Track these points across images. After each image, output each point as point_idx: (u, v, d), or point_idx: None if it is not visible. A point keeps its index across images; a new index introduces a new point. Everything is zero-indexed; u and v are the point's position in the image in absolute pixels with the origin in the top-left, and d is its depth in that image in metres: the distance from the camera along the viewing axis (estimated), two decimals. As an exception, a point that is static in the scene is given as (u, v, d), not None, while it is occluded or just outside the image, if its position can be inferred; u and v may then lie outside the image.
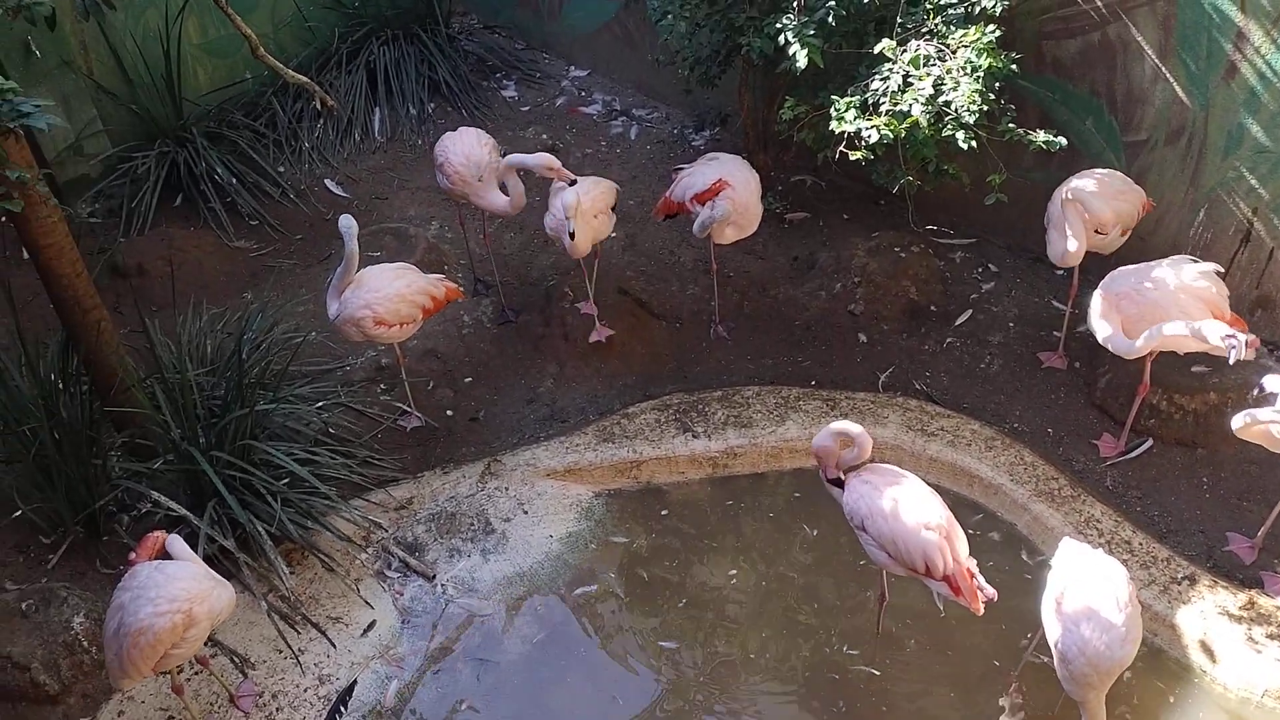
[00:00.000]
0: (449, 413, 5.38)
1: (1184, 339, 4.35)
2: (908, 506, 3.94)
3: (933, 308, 5.78)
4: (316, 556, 4.57)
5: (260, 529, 4.38)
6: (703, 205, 5.28)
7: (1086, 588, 3.73)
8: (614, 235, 6.22)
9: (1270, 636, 4.22)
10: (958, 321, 5.71)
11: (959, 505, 4.66)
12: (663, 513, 4.99)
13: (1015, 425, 5.16)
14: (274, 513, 4.38)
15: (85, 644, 4.05)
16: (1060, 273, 5.48)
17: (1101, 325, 4.62)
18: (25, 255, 5.64)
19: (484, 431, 5.30)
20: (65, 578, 4.37)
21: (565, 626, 4.52)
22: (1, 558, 4.47)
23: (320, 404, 4.97)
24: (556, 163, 5.18)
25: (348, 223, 4.77)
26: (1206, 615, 4.31)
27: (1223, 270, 4.70)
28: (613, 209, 5.53)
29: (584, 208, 5.12)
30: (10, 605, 4.10)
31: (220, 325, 5.37)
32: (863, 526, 4.01)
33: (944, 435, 5.12)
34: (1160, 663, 4.28)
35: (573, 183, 5.16)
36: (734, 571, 4.70)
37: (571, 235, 5.05)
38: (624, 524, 4.92)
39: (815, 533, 4.81)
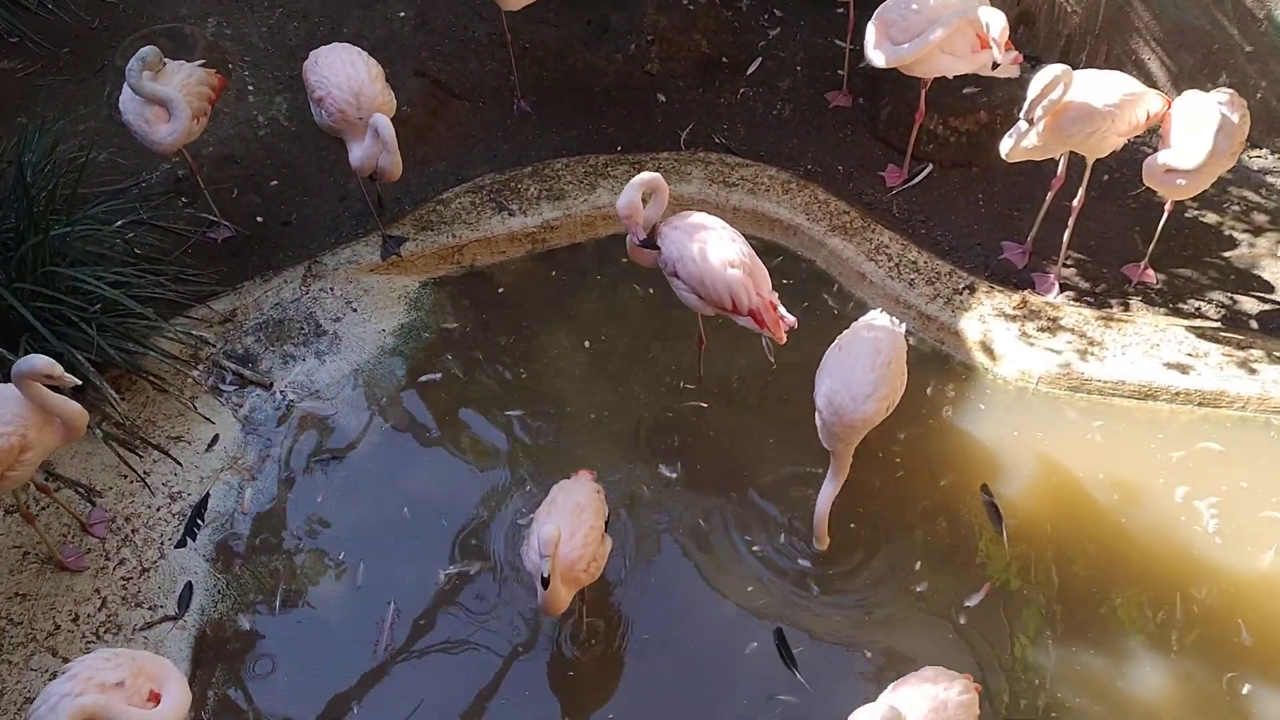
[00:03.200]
0: (259, 219, 5.15)
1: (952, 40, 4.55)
2: (713, 248, 4.06)
3: (724, 59, 5.76)
4: (145, 379, 4.42)
5: (80, 357, 4.17)
6: None
7: (852, 346, 3.92)
8: (402, 15, 5.91)
9: (1041, 330, 4.62)
10: (749, 71, 5.73)
11: (764, 250, 4.82)
12: (489, 293, 4.99)
13: (809, 167, 5.30)
14: (91, 339, 4.18)
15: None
16: (840, 9, 5.52)
17: (876, 54, 4.72)
18: None
19: (299, 234, 5.10)
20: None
21: (409, 414, 4.56)
22: None
23: (120, 223, 4.66)
24: None
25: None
26: (985, 319, 4.67)
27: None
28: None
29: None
30: None
31: (-3, 154, 4.92)
32: (675, 271, 4.12)
33: (744, 184, 5.22)
34: (948, 366, 4.66)
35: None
36: (565, 340, 4.79)
37: (545, 582, 3.36)
38: (453, 309, 4.91)
39: (637, 292, 4.91)
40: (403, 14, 5.95)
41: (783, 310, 4.11)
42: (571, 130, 5.53)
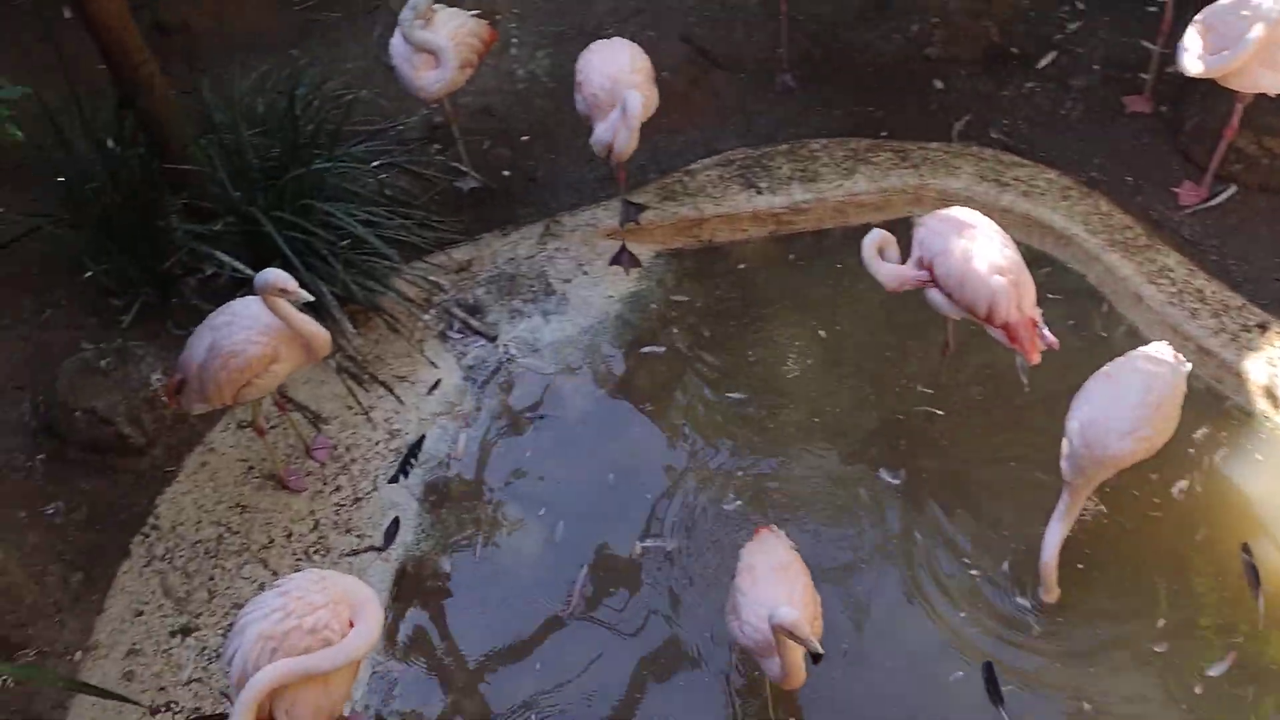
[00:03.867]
0: (506, 173, 5.56)
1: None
2: (979, 249, 4.05)
3: (1014, 50, 5.72)
4: (381, 318, 4.88)
5: (325, 289, 4.67)
6: None
7: (1121, 376, 3.82)
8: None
9: (1342, 382, 4.38)
10: (1040, 64, 5.66)
11: (1031, 259, 4.76)
12: (725, 271, 5.18)
13: (1093, 174, 5.20)
14: (336, 274, 4.67)
15: (165, 399, 4.45)
16: (1152, 8, 5.38)
17: (1193, 61, 4.57)
18: (67, 14, 5.89)
19: (542, 192, 5.47)
20: (139, 337, 4.73)
21: (628, 383, 4.82)
22: (78, 320, 4.85)
23: (376, 164, 5.16)
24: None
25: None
26: (1275, 362, 4.46)
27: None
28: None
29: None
30: (89, 363, 4.48)
31: (269, 84, 5.53)
32: (930, 266, 4.14)
33: (1018, 185, 5.18)
34: (1222, 409, 4.47)
35: None
36: (799, 327, 4.92)
37: (817, 659, 3.33)
38: (686, 283, 5.14)
39: (880, 291, 5.00)
40: (673, -22, 6.25)
41: (1044, 329, 4.07)
42: (835, 110, 5.64)
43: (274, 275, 3.85)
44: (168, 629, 3.99)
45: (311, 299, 3.99)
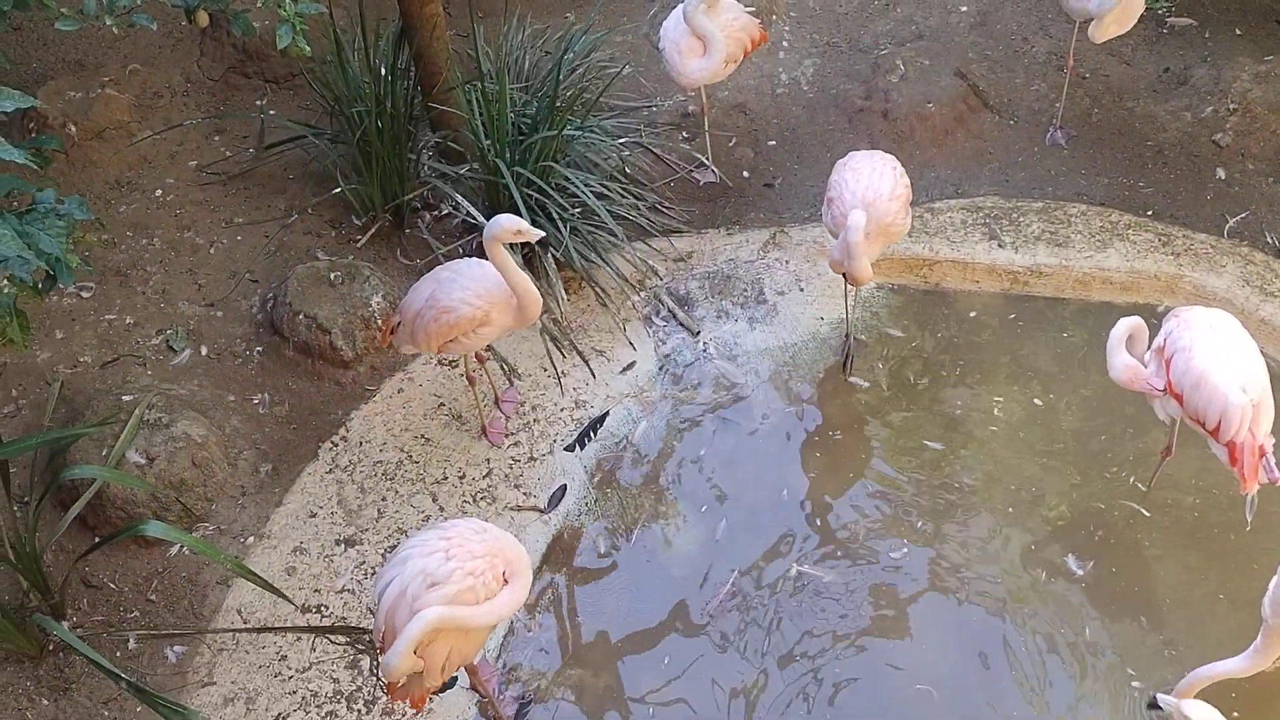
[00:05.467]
0: (745, 174, 5.68)
1: None
2: (1228, 357, 3.89)
3: (1313, 152, 5.46)
4: (593, 289, 5.10)
5: (547, 252, 4.91)
6: None
7: None
8: (964, 9, 6.17)
9: None
10: (1338, 173, 5.39)
11: (1277, 377, 4.58)
12: (947, 318, 5.16)
13: (1373, 300, 4.92)
14: (562, 239, 4.90)
15: (380, 321, 4.78)
16: None
17: None
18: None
19: (776, 199, 5.58)
20: (369, 259, 5.11)
21: (818, 407, 4.88)
22: (318, 229, 5.27)
23: (622, 140, 5.38)
24: None
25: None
26: None
27: None
28: None
29: None
30: (320, 273, 4.87)
31: (540, 42, 5.82)
32: (1171, 359, 3.99)
33: None
34: None
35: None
36: (1013, 391, 4.86)
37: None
38: (901, 321, 5.15)
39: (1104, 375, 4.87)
40: (965, 8, 6.21)
41: (1271, 460, 3.90)
42: (1102, 177, 5.51)
43: (507, 219, 4.06)
44: (334, 536, 4.31)
45: (543, 235, 4.19)
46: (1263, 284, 5.03)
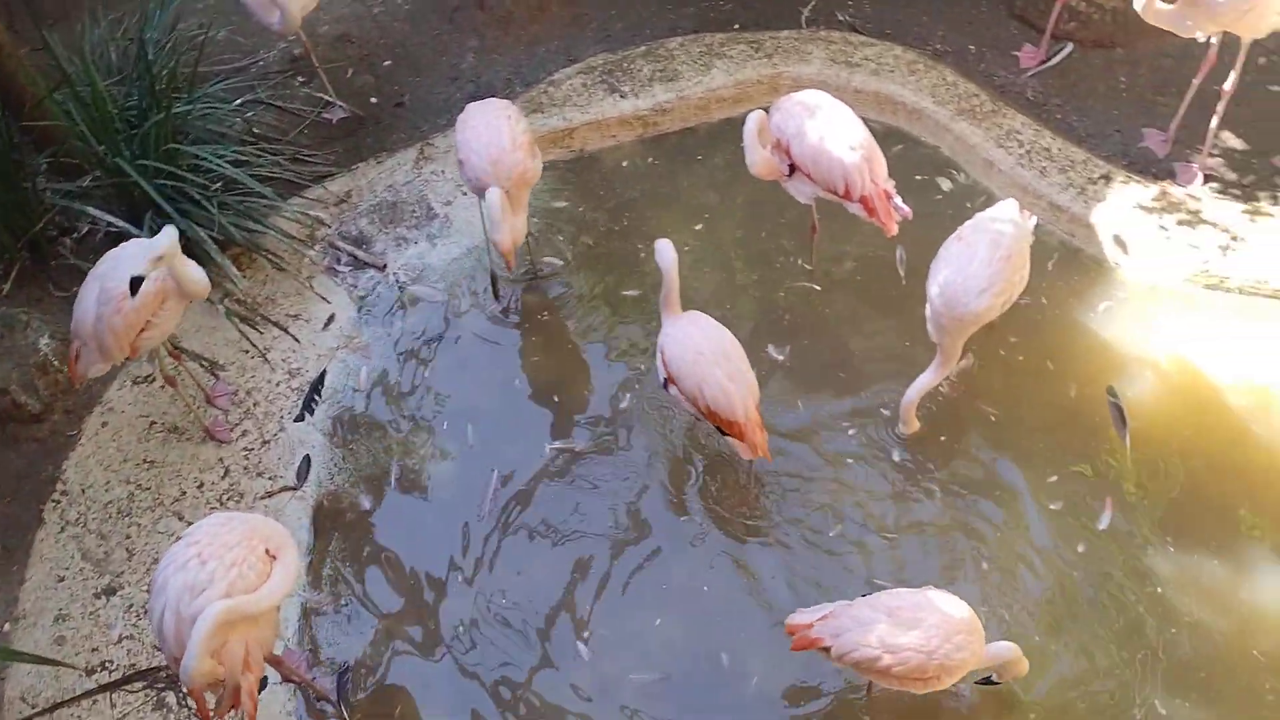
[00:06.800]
0: (373, 100, 5.21)
1: None
2: (830, 128, 3.98)
3: (852, -68, 5.53)
4: (265, 257, 4.57)
5: (203, 234, 4.34)
6: None
7: (972, 237, 3.76)
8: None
9: (1180, 224, 4.39)
10: (878, -55, 5.49)
11: (885, 135, 4.68)
12: (600, 177, 4.96)
13: (938, 47, 5.09)
14: (213, 217, 4.33)
15: (56, 364, 4.12)
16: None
17: None
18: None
19: (412, 115, 5.16)
20: (23, 304, 4.36)
21: (518, 299, 4.60)
22: (-47, 291, 4.46)
23: (239, 102, 4.79)
24: None
25: None
26: (1120, 211, 4.45)
27: None
28: None
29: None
30: (-26, 336, 4.13)
31: (120, 32, 5.06)
32: (788, 146, 4.04)
33: (868, 65, 5.04)
34: (1077, 260, 4.47)
35: None
36: (676, 222, 4.74)
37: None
38: (562, 192, 4.91)
39: (750, 177, 4.83)
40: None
41: (897, 200, 4.00)
42: (688, 6, 5.40)
43: (138, 267, 3.52)
44: (91, 591, 3.74)
45: (172, 237, 3.61)
46: (847, 58, 5.10)
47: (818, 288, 4.48)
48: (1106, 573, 3.65)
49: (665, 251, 3.80)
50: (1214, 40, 4.25)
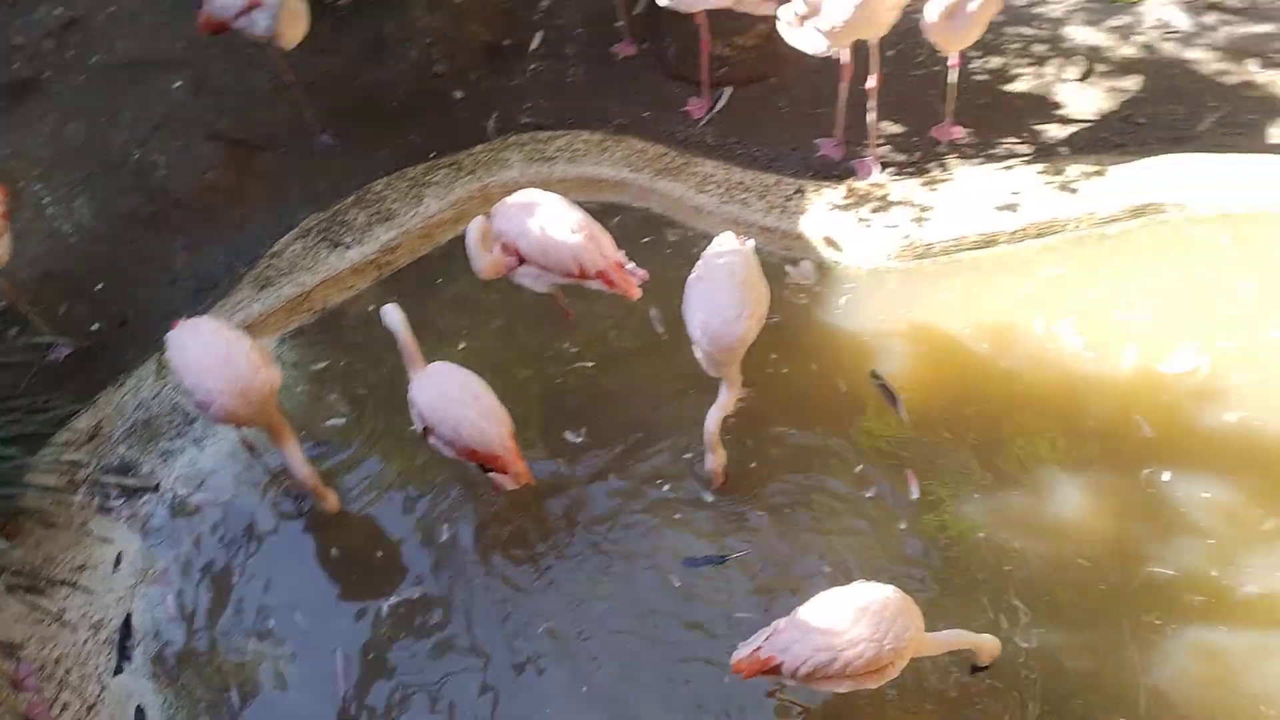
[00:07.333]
0: (94, 326, 4.84)
1: None
2: (551, 218, 4.05)
3: (506, 42, 5.69)
4: (29, 519, 4.14)
5: (-48, 520, 3.90)
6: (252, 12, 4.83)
7: (709, 274, 3.89)
8: (177, 85, 5.63)
9: (874, 211, 4.71)
10: (533, 47, 5.66)
11: (601, 211, 4.75)
12: (350, 329, 4.80)
13: (619, 121, 5.27)
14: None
15: None
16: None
17: None
18: None
19: (138, 329, 4.80)
20: None
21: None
22: None
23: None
24: None
25: None
26: (822, 215, 4.73)
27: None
28: None
29: None
30: None
31: None
32: (516, 249, 4.08)
33: (562, 155, 5.16)
34: (802, 269, 4.69)
35: None
36: (440, 349, 4.58)
37: None
38: (318, 354, 4.72)
39: (492, 284, 4.79)
40: (177, 84, 5.69)
41: (631, 266, 4.09)
42: (381, 149, 5.36)
43: None
44: None
45: None
46: (541, 154, 5.20)
47: (590, 364, 4.50)
48: (933, 537, 3.81)
49: (391, 314, 3.89)
50: (845, 49, 4.60)
